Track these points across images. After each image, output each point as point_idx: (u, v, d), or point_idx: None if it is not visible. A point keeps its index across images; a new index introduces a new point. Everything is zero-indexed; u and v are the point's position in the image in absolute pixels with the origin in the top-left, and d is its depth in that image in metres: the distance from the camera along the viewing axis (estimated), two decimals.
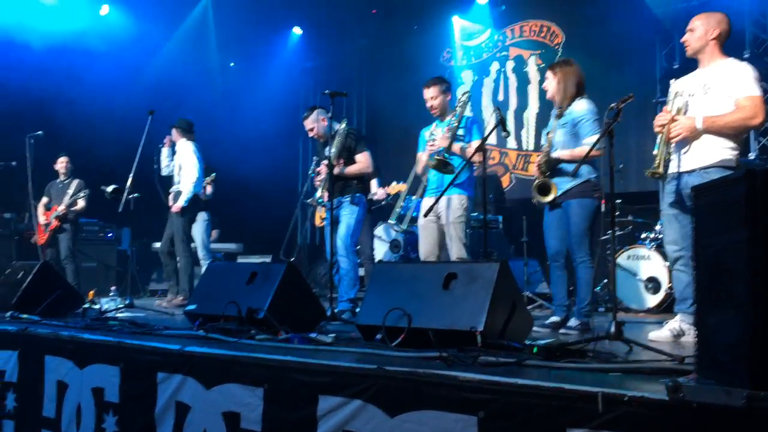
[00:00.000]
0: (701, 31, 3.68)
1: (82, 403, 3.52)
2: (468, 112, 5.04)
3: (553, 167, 4.31)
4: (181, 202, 6.90)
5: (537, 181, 4.30)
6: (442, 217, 4.81)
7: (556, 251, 4.40)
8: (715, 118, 3.53)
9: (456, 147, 4.74)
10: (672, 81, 3.85)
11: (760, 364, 1.69)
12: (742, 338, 1.73)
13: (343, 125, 5.45)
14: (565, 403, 2.00)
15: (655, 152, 3.71)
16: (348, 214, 5.33)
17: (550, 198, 4.22)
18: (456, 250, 4.75)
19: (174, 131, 7.29)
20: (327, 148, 5.33)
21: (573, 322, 4.21)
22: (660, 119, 3.72)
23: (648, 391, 1.90)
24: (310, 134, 5.68)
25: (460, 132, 4.81)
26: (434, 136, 4.91)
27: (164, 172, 7.36)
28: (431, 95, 4.93)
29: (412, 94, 9.13)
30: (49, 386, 3.74)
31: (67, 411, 3.61)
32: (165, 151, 7.44)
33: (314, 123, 5.60)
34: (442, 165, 4.60)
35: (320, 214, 6.61)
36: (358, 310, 4.14)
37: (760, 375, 1.68)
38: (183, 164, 7.05)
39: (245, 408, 2.79)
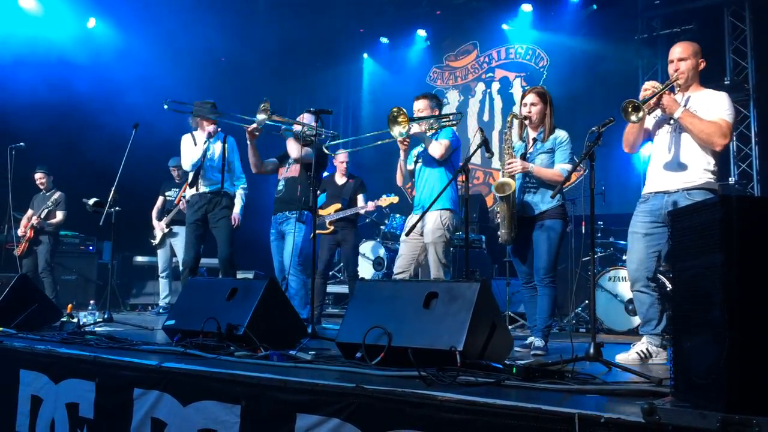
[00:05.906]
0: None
1: (56, 419, 3.46)
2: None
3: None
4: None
5: (503, 179, 4.22)
6: (425, 235, 4.76)
7: (527, 272, 4.41)
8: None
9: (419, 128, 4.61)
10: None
11: (736, 387, 1.70)
12: (717, 362, 1.75)
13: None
14: (543, 424, 1.99)
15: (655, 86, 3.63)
16: (297, 232, 5.37)
17: (506, 194, 4.17)
18: (434, 271, 4.64)
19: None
20: None
21: (539, 342, 4.18)
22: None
23: (624, 413, 1.91)
24: None
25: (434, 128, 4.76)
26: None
27: (188, 164, 6.06)
28: (419, 108, 4.83)
29: None
30: (23, 400, 3.67)
31: (41, 426, 3.55)
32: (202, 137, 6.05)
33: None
34: (403, 118, 4.45)
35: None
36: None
37: (736, 399, 1.70)
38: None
39: (222, 426, 2.76)
